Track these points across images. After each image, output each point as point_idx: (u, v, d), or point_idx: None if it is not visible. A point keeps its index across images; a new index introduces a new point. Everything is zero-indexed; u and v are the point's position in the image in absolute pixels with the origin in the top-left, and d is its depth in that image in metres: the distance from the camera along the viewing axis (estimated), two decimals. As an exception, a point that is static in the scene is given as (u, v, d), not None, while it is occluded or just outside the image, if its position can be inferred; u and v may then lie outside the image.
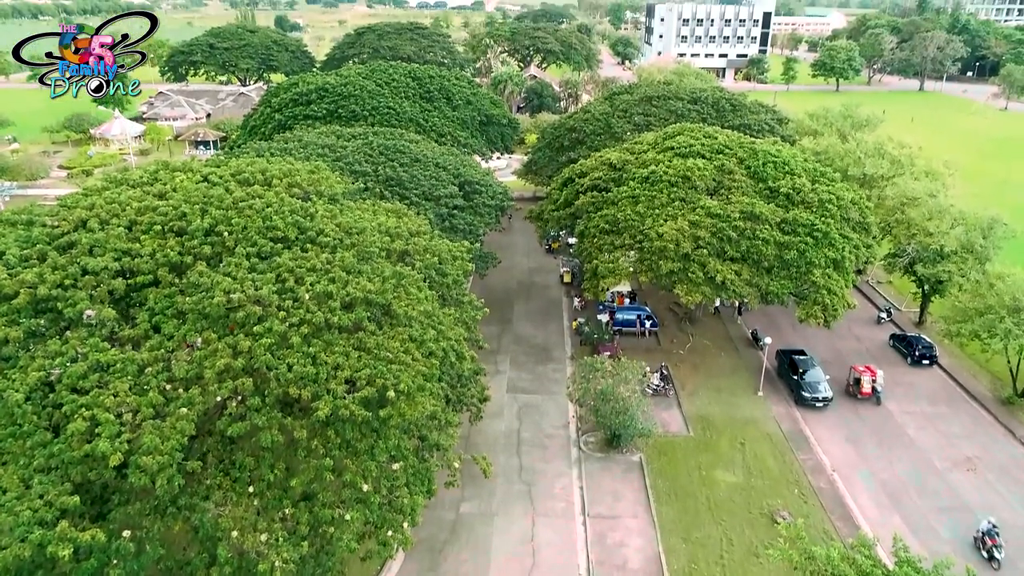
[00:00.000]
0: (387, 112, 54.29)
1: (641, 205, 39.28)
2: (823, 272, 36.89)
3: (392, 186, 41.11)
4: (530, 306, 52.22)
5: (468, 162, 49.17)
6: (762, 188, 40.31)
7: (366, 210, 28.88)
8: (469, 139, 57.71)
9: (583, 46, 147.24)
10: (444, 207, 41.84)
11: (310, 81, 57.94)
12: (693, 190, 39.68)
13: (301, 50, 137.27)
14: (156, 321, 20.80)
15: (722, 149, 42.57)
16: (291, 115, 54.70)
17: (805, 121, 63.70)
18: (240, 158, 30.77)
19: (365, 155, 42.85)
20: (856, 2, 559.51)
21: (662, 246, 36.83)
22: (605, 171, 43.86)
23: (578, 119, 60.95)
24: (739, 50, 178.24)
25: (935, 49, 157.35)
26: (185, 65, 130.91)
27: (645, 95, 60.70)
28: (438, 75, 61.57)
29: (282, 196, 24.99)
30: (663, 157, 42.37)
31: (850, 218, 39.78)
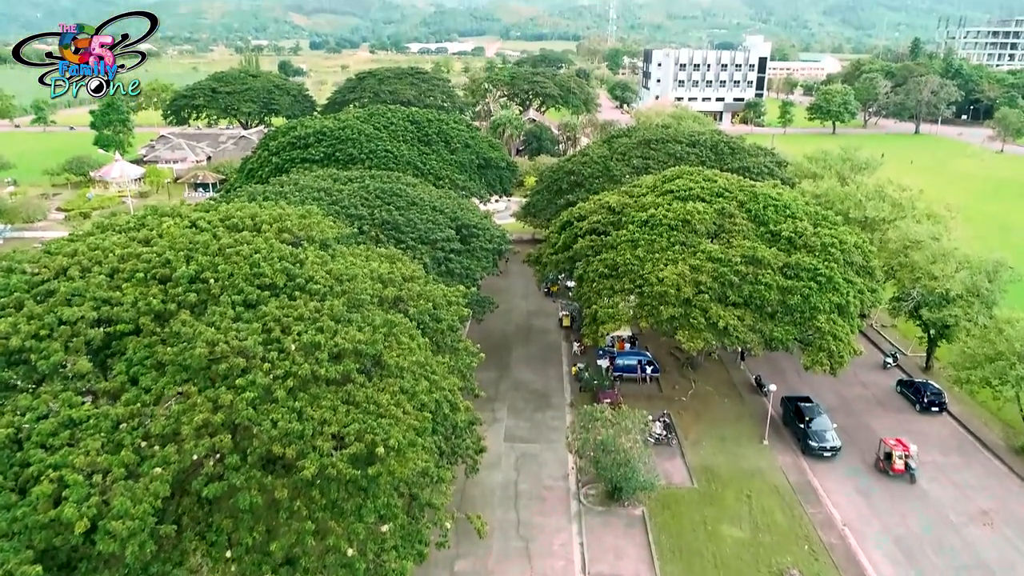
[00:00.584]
0: (385, 156, 54.15)
1: (641, 249, 38.64)
2: (828, 318, 36.02)
3: (388, 230, 40.53)
4: (529, 350, 51.21)
5: (465, 205, 48.76)
6: (763, 232, 39.72)
7: (358, 255, 28.17)
8: (467, 182, 57.48)
9: (581, 90, 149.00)
10: (440, 251, 41.19)
11: (308, 125, 58.00)
12: (693, 234, 39.09)
13: (303, 94, 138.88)
14: (134, 373, 19.86)
15: (722, 192, 42.14)
16: (288, 159, 54.55)
17: (804, 164, 63.63)
18: (231, 203, 30.19)
19: (361, 199, 42.39)
20: (849, 48, 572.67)
21: (663, 291, 36.06)
22: (604, 215, 43.36)
23: (576, 162, 60.85)
24: (736, 94, 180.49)
25: (929, 93, 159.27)
26: (187, 109, 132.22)
27: (643, 138, 60.73)
28: (436, 119, 61.71)
29: (271, 242, 24.30)
30: (662, 201, 41.90)
31: (854, 262, 39.10)
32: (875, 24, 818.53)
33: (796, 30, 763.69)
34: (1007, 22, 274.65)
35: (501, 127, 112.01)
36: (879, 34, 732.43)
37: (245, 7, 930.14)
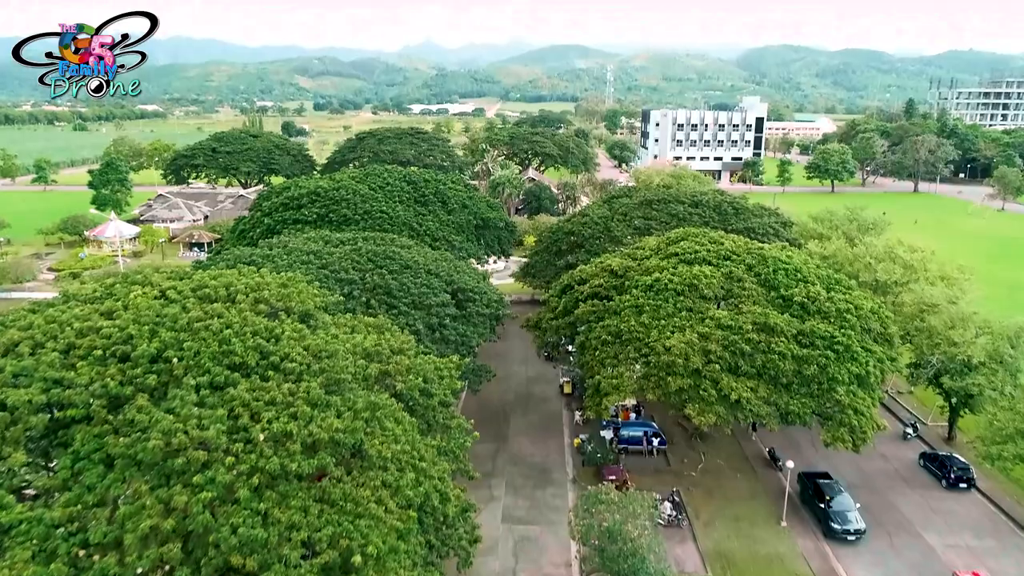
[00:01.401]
0: (380, 216, 52.68)
1: (646, 315, 36.59)
2: (847, 389, 33.69)
3: (380, 295, 38.60)
4: (528, 420, 48.58)
5: (462, 267, 46.96)
6: (774, 297, 37.76)
7: (343, 327, 26.09)
8: (464, 243, 55.90)
9: (580, 150, 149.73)
10: (435, 317, 39.15)
11: (302, 185, 56.78)
12: (701, 299, 37.12)
13: (303, 154, 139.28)
14: (79, 468, 17.52)
15: (729, 255, 40.37)
16: (281, 219, 53.08)
17: (809, 224, 62.23)
18: (208, 270, 28.29)
19: (352, 262, 40.59)
20: (842, 108, 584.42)
21: (670, 360, 33.84)
22: (606, 278, 41.50)
23: (576, 223, 59.44)
24: (734, 153, 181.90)
25: (927, 152, 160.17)
26: (187, 168, 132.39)
27: (645, 198, 59.47)
28: (433, 179, 60.58)
29: (245, 315, 22.25)
30: (667, 264, 40.10)
31: (871, 329, 37.00)
32: (866, 86, 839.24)
33: (790, 91, 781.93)
34: (998, 83, 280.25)
35: (500, 186, 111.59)
36: (870, 95, 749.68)
37: (251, 70, 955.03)
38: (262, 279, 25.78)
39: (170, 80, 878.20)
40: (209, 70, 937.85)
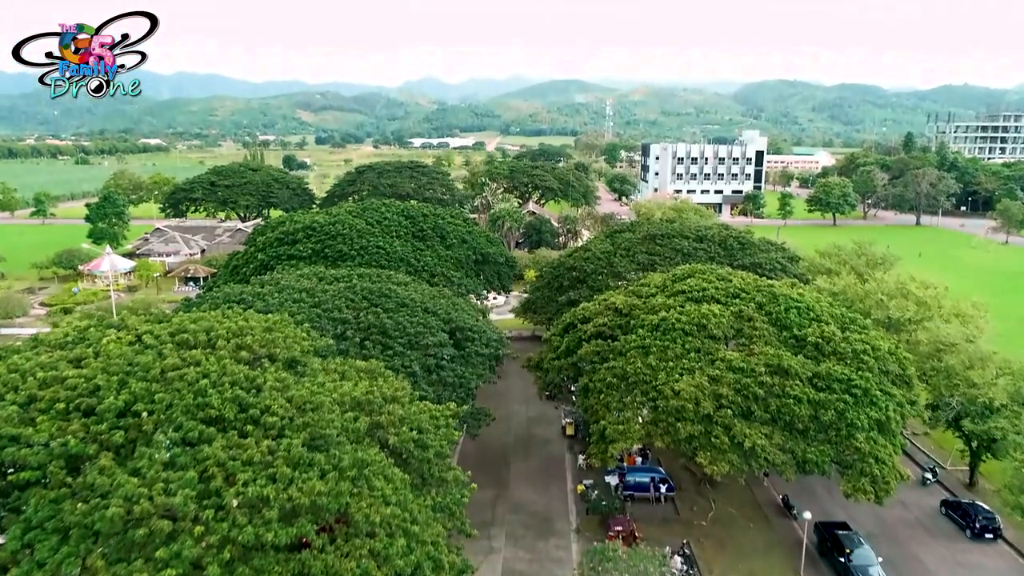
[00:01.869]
0: (376, 252, 51.28)
1: (653, 356, 34.89)
2: (867, 436, 31.84)
3: (375, 334, 36.95)
4: (529, 465, 46.52)
5: (460, 305, 45.39)
6: (787, 337, 36.11)
7: (332, 372, 24.40)
8: (463, 279, 54.39)
9: (580, 183, 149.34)
10: (432, 357, 37.46)
11: (297, 220, 55.52)
12: (710, 340, 35.45)
13: (301, 187, 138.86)
14: (31, 538, 15.71)
15: (738, 293, 38.81)
16: (275, 255, 51.66)
17: (817, 259, 60.82)
18: (192, 311, 26.71)
19: (347, 300, 39.04)
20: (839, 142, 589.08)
21: (679, 405, 32.05)
22: (610, 316, 39.89)
23: (578, 258, 58.03)
24: (734, 186, 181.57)
25: (928, 185, 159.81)
26: (185, 202, 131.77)
27: (648, 233, 58.16)
28: (432, 213, 59.35)
29: (224, 363, 20.62)
30: (674, 302, 38.52)
31: (889, 371, 35.27)
32: (862, 120, 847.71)
33: (787, 125, 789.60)
34: (995, 117, 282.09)
35: (500, 220, 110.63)
36: (866, 129, 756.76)
37: (254, 105, 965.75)
38: (246, 322, 24.18)
39: (174, 115, 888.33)
40: (212, 105, 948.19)
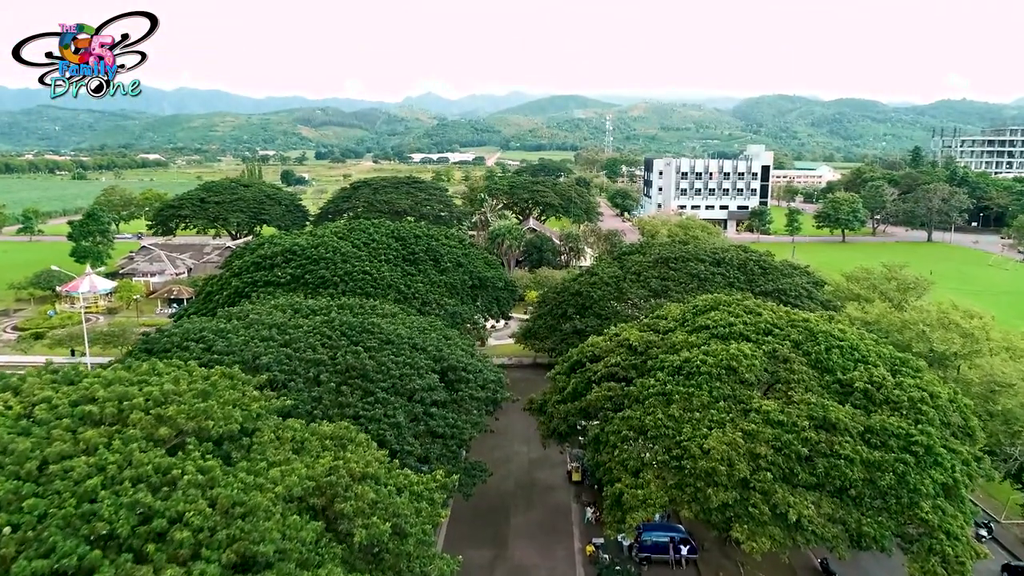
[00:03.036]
0: (362, 278, 46.45)
1: (675, 406, 29.95)
2: (934, 504, 26.88)
3: (353, 378, 32.07)
4: (530, 518, 41.41)
5: (454, 339, 40.51)
6: (829, 382, 31.22)
7: (285, 445, 19.47)
8: (458, 307, 49.51)
9: (582, 199, 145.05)
10: (419, 404, 32.54)
11: (277, 242, 50.77)
12: (741, 385, 30.55)
13: (294, 204, 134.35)
14: None
15: (770, 329, 33.94)
16: (250, 281, 46.85)
17: (843, 284, 55.96)
18: (120, 367, 21.85)
19: (322, 337, 34.18)
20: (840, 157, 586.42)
21: (709, 467, 27.09)
22: (624, 355, 34.99)
23: (584, 283, 53.23)
24: (739, 202, 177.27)
25: (939, 201, 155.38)
26: (174, 219, 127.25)
27: (660, 256, 53.33)
28: (424, 234, 54.56)
29: (132, 448, 15.75)
30: (697, 339, 33.67)
31: (951, 423, 30.33)
32: (862, 135, 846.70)
33: (787, 140, 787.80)
34: (1001, 132, 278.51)
35: (500, 238, 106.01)
36: (866, 144, 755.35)
37: (255, 120, 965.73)
38: (175, 385, 19.26)
39: (175, 131, 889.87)
40: (213, 121, 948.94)
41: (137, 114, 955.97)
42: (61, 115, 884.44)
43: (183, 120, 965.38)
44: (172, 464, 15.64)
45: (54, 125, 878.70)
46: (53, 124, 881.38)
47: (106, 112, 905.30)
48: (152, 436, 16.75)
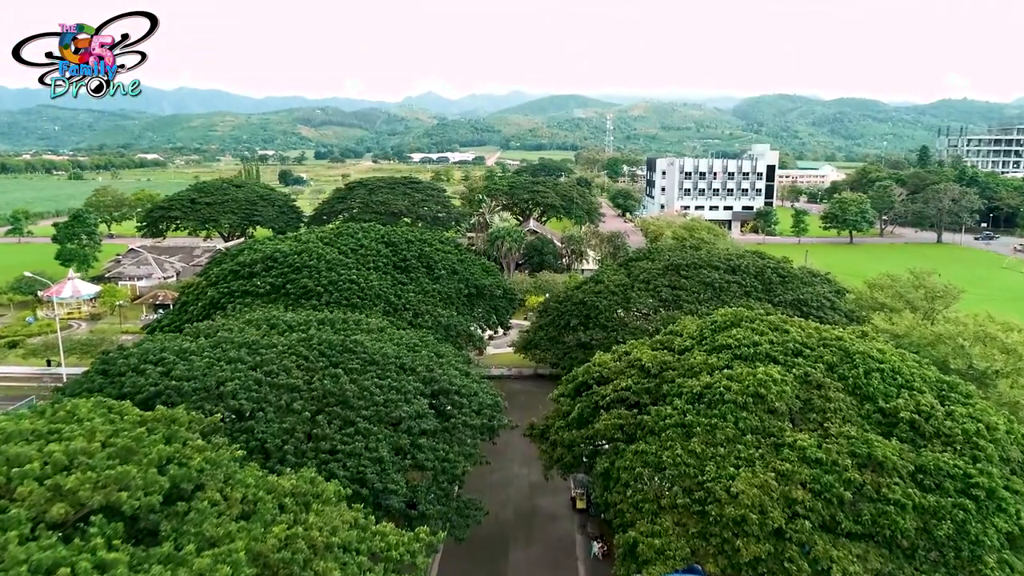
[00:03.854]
0: (348, 288, 42.78)
1: (697, 440, 26.29)
2: (999, 558, 23.21)
3: (332, 405, 28.44)
4: (532, 553, 37.73)
5: (447, 356, 36.87)
6: (870, 411, 27.56)
7: (233, 509, 15.79)
8: (453, 318, 45.82)
9: (584, 199, 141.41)
10: (406, 434, 28.90)
11: (258, 248, 47.08)
12: (771, 416, 26.89)
13: (288, 205, 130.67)
14: None
15: (800, 350, 30.27)
16: (227, 291, 43.18)
17: (866, 292, 52.24)
18: (9, 419, 18.13)
19: (298, 358, 30.54)
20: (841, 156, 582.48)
21: (739, 515, 23.42)
22: (636, 377, 31.33)
23: (588, 291, 49.55)
24: (744, 202, 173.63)
25: (949, 201, 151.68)
26: (164, 221, 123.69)
27: (670, 263, 49.61)
28: (417, 239, 50.82)
29: (7, 539, 12.05)
30: (718, 361, 30.01)
31: (1010, 458, 26.65)
32: (863, 134, 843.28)
33: (788, 140, 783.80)
34: (1008, 131, 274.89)
35: (499, 240, 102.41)
36: (867, 143, 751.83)
37: (255, 120, 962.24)
38: (87, 442, 15.47)
39: (174, 130, 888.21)
40: (213, 120, 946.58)
41: (137, 114, 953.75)
42: (61, 115, 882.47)
43: (183, 120, 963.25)
44: (59, 561, 11.92)
45: (54, 125, 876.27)
46: (53, 124, 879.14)
47: (106, 112, 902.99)
48: (43, 517, 13.08)
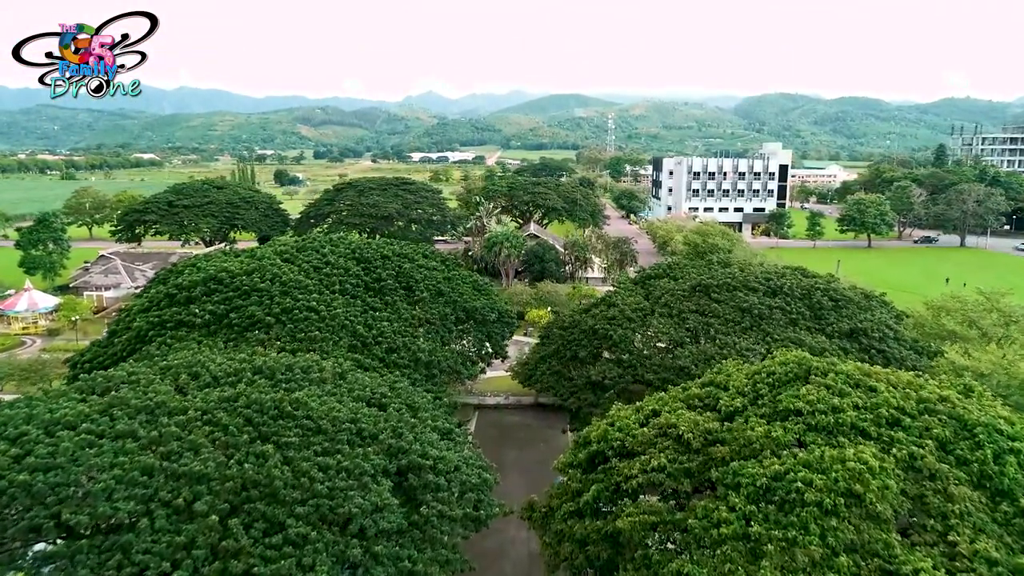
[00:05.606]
0: (305, 318, 34.64)
1: (769, 563, 18.24)
2: None
3: (252, 501, 20.42)
4: (531, 660, 29.79)
5: (424, 408, 28.78)
6: (1008, 514, 19.51)
7: None
8: (436, 353, 37.70)
9: (588, 201, 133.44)
10: (357, 540, 20.87)
11: (201, 266, 38.86)
12: (872, 523, 18.85)
13: (272, 208, 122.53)
14: None
15: (896, 418, 22.18)
16: (158, 321, 35.05)
17: (927, 316, 44.14)
18: None
19: (215, 430, 22.50)
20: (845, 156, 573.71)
21: None
22: (670, 452, 23.24)
23: (600, 317, 41.37)
24: (755, 204, 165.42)
25: (974, 203, 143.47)
26: (139, 224, 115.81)
27: (698, 283, 41.39)
28: (395, 254, 42.58)
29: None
30: (785, 433, 21.92)
31: None
32: (865, 133, 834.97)
33: (790, 139, 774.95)
34: (1023, 128, 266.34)
35: (497, 246, 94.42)
36: (870, 143, 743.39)
37: (254, 120, 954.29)
38: None
39: (173, 130, 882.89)
40: (212, 120, 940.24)
41: (137, 113, 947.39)
42: (60, 114, 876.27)
43: (182, 119, 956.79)
44: None
45: (53, 125, 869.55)
46: (52, 124, 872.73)
47: (105, 111, 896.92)
48: None
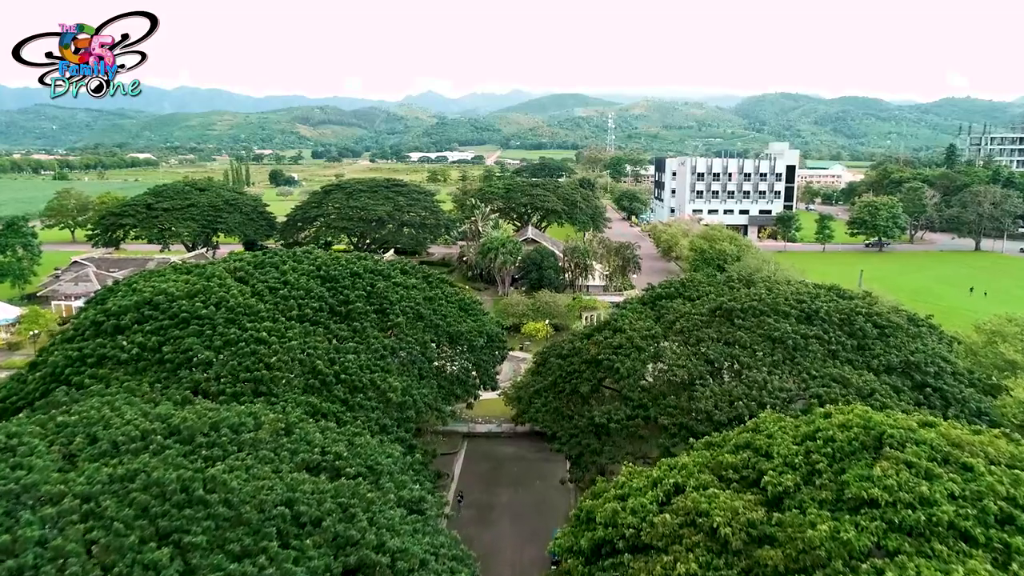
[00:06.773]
0: (252, 352, 28.89)
1: None
2: None
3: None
4: None
5: (388, 473, 23.04)
6: None
7: None
8: (412, 390, 31.92)
9: (588, 203, 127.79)
10: None
11: (139, 287, 33.06)
12: None
13: (257, 211, 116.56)
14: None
15: (1008, 514, 16.51)
16: (78, 356, 29.27)
17: (979, 341, 38.47)
18: None
19: (96, 527, 16.79)
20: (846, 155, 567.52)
21: None
22: (702, 554, 17.49)
23: (604, 344, 35.54)
24: (762, 206, 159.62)
25: (990, 205, 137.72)
26: (118, 228, 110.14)
27: (718, 305, 35.57)
28: (367, 271, 36.62)
29: None
30: (858, 536, 16.22)
31: None
32: (866, 133, 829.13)
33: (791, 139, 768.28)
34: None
35: (492, 252, 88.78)
36: (870, 142, 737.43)
37: (253, 119, 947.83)
38: None
39: (172, 129, 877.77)
40: (211, 120, 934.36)
41: (136, 113, 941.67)
42: (59, 114, 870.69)
43: (181, 119, 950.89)
44: None
45: (51, 124, 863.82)
46: (51, 123, 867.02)
47: (104, 111, 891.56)
48: None
